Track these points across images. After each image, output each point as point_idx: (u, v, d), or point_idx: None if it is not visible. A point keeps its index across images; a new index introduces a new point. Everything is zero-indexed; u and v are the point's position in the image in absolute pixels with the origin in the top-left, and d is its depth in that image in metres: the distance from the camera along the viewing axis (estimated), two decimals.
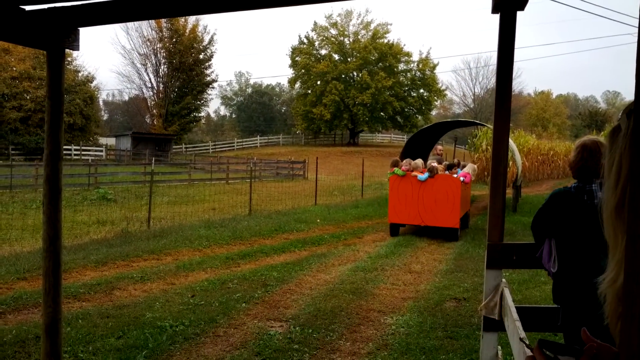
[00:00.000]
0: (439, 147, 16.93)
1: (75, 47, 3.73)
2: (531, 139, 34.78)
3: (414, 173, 11.56)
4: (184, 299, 6.64)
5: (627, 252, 0.86)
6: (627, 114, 1.00)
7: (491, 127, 16.30)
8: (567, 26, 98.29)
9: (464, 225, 12.55)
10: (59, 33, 3.65)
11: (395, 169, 11.81)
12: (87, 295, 6.71)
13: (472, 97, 72.98)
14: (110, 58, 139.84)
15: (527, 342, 1.64)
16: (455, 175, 11.80)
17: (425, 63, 54.37)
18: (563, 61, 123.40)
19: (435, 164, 11.74)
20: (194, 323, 5.71)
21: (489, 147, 30.53)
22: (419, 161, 12.14)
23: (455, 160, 14.75)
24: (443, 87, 58.62)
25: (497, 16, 3.86)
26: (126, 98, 68.45)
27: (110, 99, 78.42)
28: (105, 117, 77.17)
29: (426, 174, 11.39)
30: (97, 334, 5.31)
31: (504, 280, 3.80)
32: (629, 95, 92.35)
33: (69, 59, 44.80)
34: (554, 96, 74.86)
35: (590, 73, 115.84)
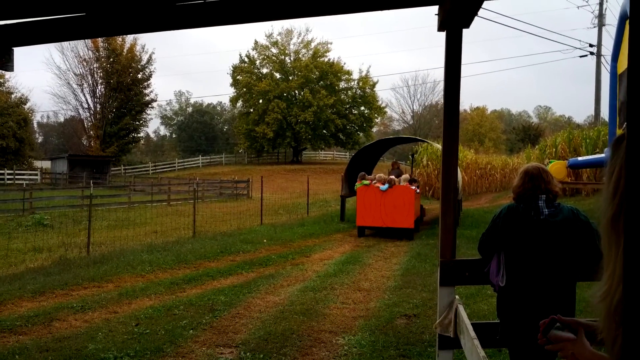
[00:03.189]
0: (399, 162, 18.57)
1: (10, 68, 3.54)
2: (469, 153, 35.69)
3: (377, 184, 13.89)
4: (127, 328, 6.36)
5: (624, 268, 0.82)
6: None
7: (430, 142, 17.44)
8: (494, 44, 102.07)
9: (416, 228, 14.72)
10: None
11: (363, 180, 14.24)
12: (24, 328, 6.34)
13: (411, 114, 74.55)
14: (44, 79, 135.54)
15: None
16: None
17: (365, 81, 55.22)
18: (495, 78, 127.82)
19: (393, 177, 14.36)
20: (140, 353, 5.47)
21: (429, 163, 31.16)
22: (382, 175, 14.80)
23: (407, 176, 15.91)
24: (383, 105, 59.73)
25: (433, 35, 3.89)
26: (62, 119, 66.44)
27: (45, 120, 75.92)
28: (40, 139, 74.58)
29: (386, 185, 13.77)
30: None
31: (457, 297, 3.80)
32: (559, 110, 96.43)
33: (1, 80, 43.18)
34: (488, 112, 77.25)
35: (521, 89, 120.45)
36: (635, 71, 0.83)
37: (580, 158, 17.55)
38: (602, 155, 15.87)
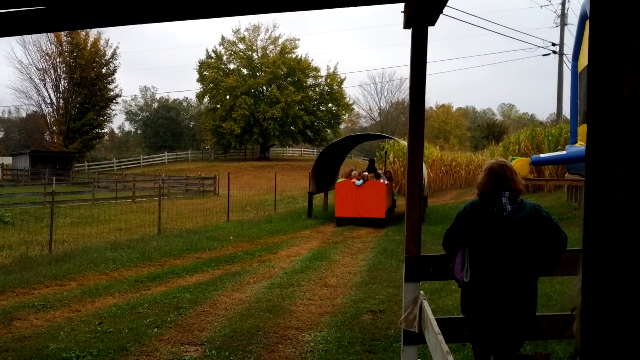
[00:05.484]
0: (374, 159, 21.37)
1: None
2: (435, 150, 36.10)
3: (353, 180, 15.82)
4: (90, 326, 6.25)
5: (583, 258, 0.83)
6: None
7: (397, 139, 18.16)
8: (459, 43, 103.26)
9: (388, 217, 16.45)
10: None
11: (342, 178, 16.81)
12: None
13: (378, 111, 74.89)
14: (5, 73, 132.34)
15: None
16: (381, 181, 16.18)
17: (333, 78, 55.29)
18: (460, 76, 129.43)
19: (366, 173, 16.59)
20: (103, 352, 5.38)
21: (396, 159, 31.40)
22: (356, 172, 17.00)
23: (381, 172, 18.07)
24: (350, 102, 59.80)
25: (399, 33, 3.92)
26: (24, 115, 64.67)
27: (6, 116, 73.68)
28: (1, 135, 72.62)
29: (361, 181, 15.69)
30: None
31: (422, 292, 3.83)
32: (522, 108, 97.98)
33: None
34: (454, 109, 78.10)
35: (485, 87, 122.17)
36: (595, 70, 0.84)
37: (542, 155, 17.89)
38: (564, 152, 16.19)
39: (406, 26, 3.89)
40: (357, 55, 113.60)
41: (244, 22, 61.58)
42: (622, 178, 0.75)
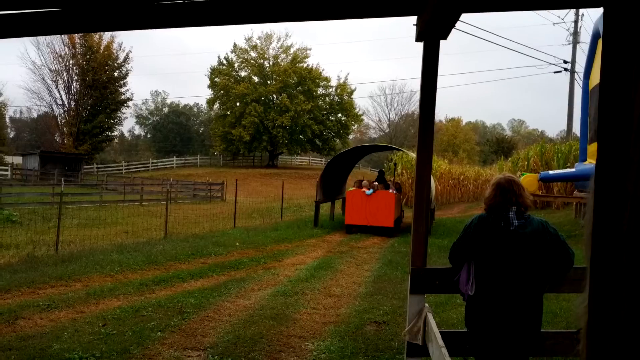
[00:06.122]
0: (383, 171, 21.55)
1: None
2: (443, 163, 36.03)
3: (363, 189, 16.38)
4: (94, 328, 6.26)
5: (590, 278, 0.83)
6: None
7: (406, 151, 18.24)
8: (470, 57, 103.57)
9: (396, 227, 16.72)
10: None
11: (353, 187, 17.22)
12: None
13: (387, 122, 74.96)
14: (18, 73, 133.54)
15: None
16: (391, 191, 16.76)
17: (343, 88, 55.47)
18: (471, 90, 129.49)
19: (375, 184, 17.30)
20: (106, 354, 5.39)
21: (404, 171, 31.37)
22: (366, 182, 17.53)
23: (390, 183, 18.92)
24: (360, 112, 59.97)
25: (411, 45, 3.93)
26: (35, 115, 65.19)
27: (17, 115, 74.36)
28: (12, 134, 73.08)
29: (371, 190, 16.24)
30: None
31: (427, 305, 3.82)
32: (532, 124, 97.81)
33: None
34: (463, 123, 78.02)
35: (496, 102, 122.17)
36: (607, 88, 0.85)
37: (551, 172, 17.83)
38: (573, 169, 16.13)
39: (418, 39, 3.90)
40: (368, 66, 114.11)
41: (256, 31, 61.98)
42: (631, 195, 0.76)
